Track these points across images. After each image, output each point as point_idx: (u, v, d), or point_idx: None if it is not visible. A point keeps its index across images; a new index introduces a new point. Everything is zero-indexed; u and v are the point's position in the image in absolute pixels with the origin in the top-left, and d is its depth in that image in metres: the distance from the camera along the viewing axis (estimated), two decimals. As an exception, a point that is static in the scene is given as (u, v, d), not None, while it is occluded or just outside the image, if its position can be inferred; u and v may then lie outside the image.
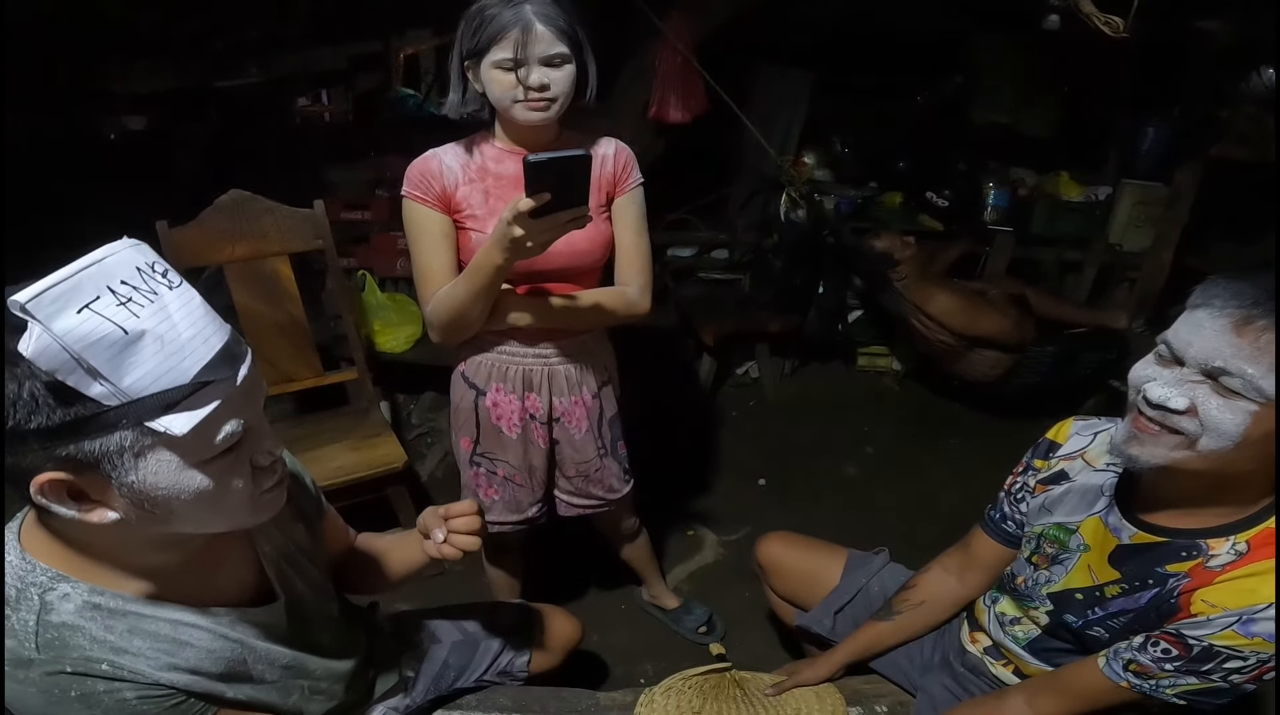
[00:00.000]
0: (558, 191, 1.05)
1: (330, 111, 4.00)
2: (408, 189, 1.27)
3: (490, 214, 1.27)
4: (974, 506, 1.34)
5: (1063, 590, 1.06)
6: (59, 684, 0.69)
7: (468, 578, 2.12)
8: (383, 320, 2.48)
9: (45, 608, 0.70)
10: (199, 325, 0.65)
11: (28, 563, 0.71)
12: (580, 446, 1.49)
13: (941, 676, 1.28)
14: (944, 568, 1.31)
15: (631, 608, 2.06)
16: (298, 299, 1.84)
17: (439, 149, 1.30)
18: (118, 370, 0.59)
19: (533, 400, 1.41)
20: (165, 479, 0.65)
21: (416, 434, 2.72)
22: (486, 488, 1.48)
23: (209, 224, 1.71)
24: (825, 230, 2.85)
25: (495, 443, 1.44)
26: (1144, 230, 3.05)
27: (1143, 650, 0.93)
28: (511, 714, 1.26)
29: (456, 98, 1.26)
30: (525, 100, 1.17)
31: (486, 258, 1.16)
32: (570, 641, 1.42)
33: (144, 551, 0.74)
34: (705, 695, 1.32)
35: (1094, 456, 1.10)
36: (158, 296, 0.62)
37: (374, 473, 1.81)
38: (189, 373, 0.63)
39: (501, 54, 1.14)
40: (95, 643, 0.72)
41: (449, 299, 1.26)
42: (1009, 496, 1.20)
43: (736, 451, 2.74)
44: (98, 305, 0.58)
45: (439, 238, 1.28)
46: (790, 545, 1.55)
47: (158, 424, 0.62)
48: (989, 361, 2.65)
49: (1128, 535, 0.99)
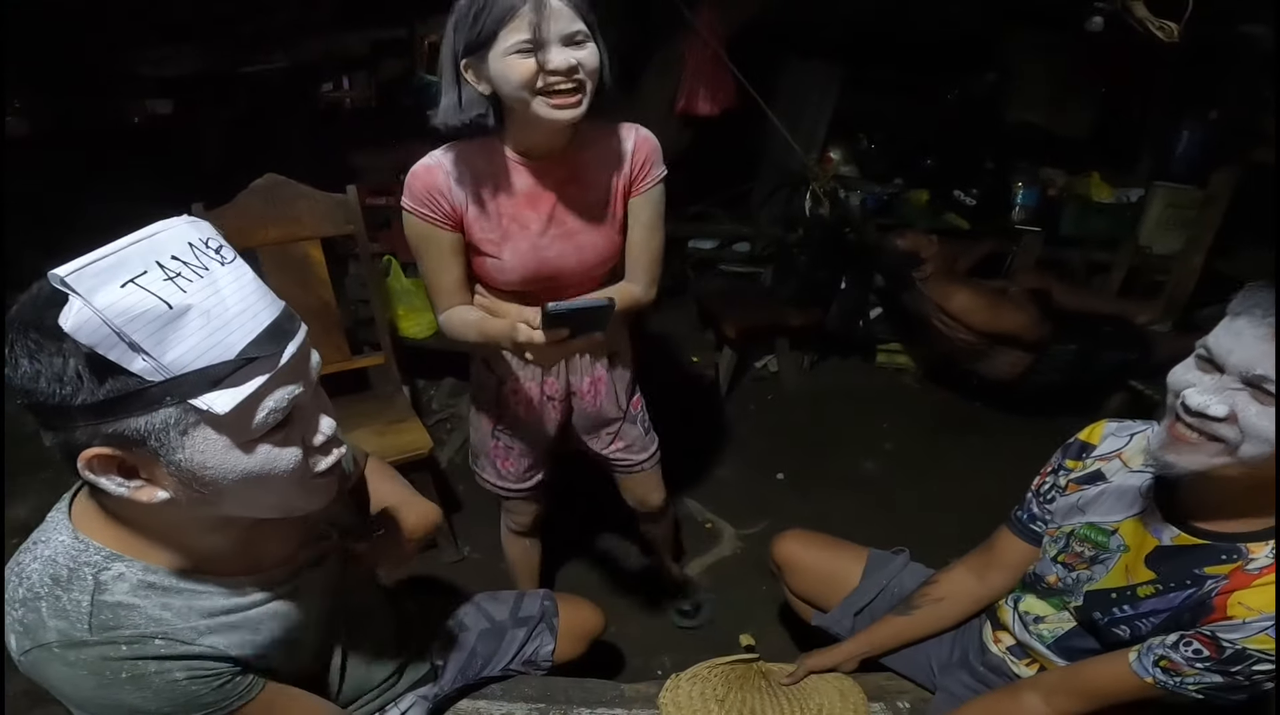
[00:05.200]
0: (576, 328, 1.01)
1: (352, 97, 4.01)
2: (410, 203, 1.16)
3: (503, 239, 1.19)
4: (992, 505, 1.33)
5: (1100, 589, 1.06)
6: (111, 666, 0.69)
7: (488, 566, 2.14)
8: (406, 305, 2.48)
9: (100, 587, 0.70)
10: (248, 301, 0.64)
11: (81, 542, 0.71)
12: (599, 414, 1.50)
13: (961, 675, 1.28)
14: (967, 567, 1.31)
15: (648, 600, 2.06)
16: (328, 283, 1.85)
17: (440, 155, 1.17)
18: (160, 345, 0.58)
19: (550, 383, 1.42)
20: (212, 458, 0.65)
21: (436, 420, 2.74)
22: (504, 460, 1.52)
23: (244, 207, 1.72)
24: (849, 227, 2.84)
25: (515, 423, 1.46)
26: (1174, 233, 3.00)
27: (1175, 649, 0.93)
28: (536, 704, 1.27)
29: (451, 102, 1.11)
30: (550, 93, 1.03)
31: (497, 338, 1.14)
32: (594, 631, 1.43)
33: (197, 533, 0.75)
34: (730, 684, 1.33)
35: (1130, 457, 1.09)
36: (208, 272, 0.62)
37: (400, 458, 1.82)
38: (234, 348, 0.62)
39: (516, 37, 1.00)
40: (151, 621, 0.72)
41: (462, 327, 1.24)
42: (1037, 497, 1.20)
43: (755, 445, 2.74)
44: (144, 279, 0.58)
45: (447, 254, 1.21)
46: (809, 544, 1.53)
47: (200, 401, 0.61)
48: (1010, 360, 2.63)
49: (1169, 537, 0.99)
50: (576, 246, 1.23)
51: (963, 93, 3.37)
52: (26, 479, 2.27)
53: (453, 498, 2.39)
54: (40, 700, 1.46)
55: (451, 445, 2.63)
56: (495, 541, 2.21)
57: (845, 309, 2.99)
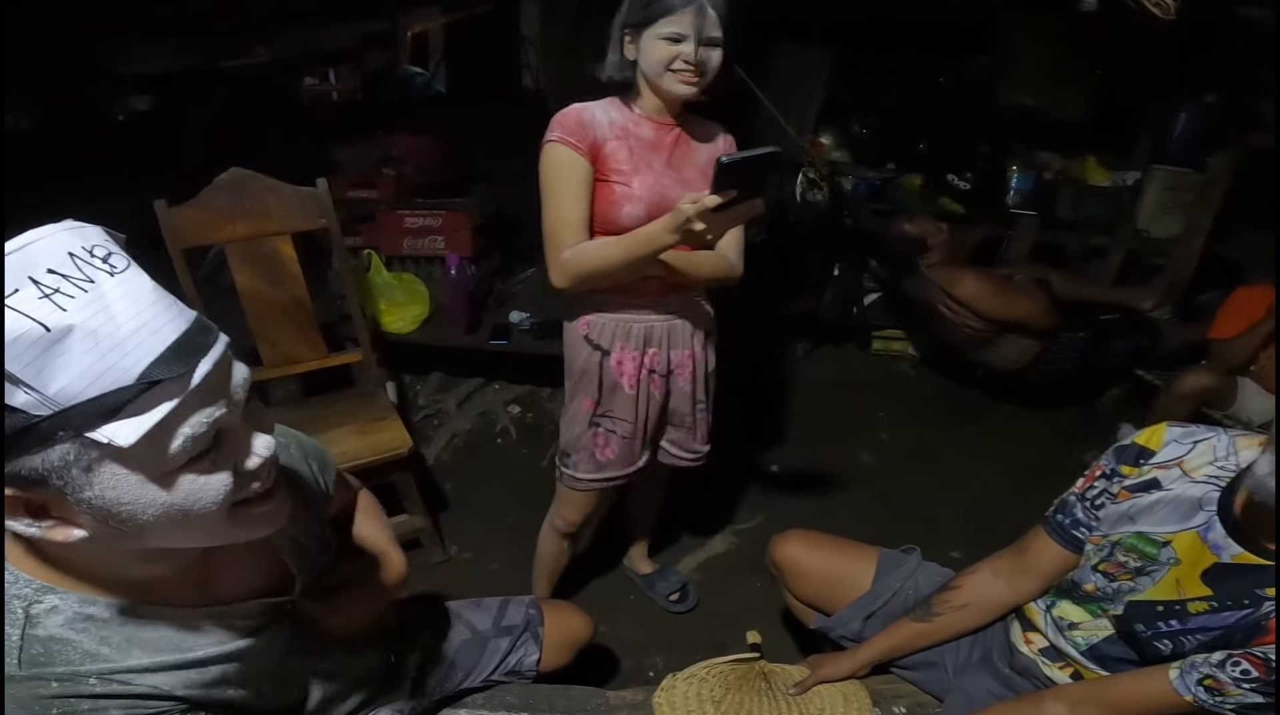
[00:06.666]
0: (743, 187, 1.09)
1: (338, 90, 3.95)
2: (560, 134, 1.31)
3: (634, 171, 1.35)
4: (992, 494, 1.28)
5: (1144, 600, 1.01)
6: (41, 703, 0.64)
7: (476, 566, 2.10)
8: (389, 300, 2.43)
9: (30, 622, 0.65)
10: (145, 315, 0.55)
11: (10, 575, 0.66)
12: (688, 397, 1.58)
13: (982, 677, 1.22)
14: (993, 570, 1.22)
15: (640, 599, 2.02)
16: (300, 278, 1.78)
17: (587, 104, 1.37)
18: (40, 375, 0.51)
19: (652, 355, 1.49)
20: (126, 495, 0.57)
21: (423, 415, 2.68)
22: (604, 448, 1.53)
23: (208, 203, 1.66)
24: (845, 212, 2.78)
25: (615, 401, 1.50)
26: (1172, 216, 2.96)
27: (1221, 668, 0.90)
28: (519, 713, 1.22)
29: (616, 59, 1.36)
30: (678, 72, 1.27)
31: (657, 238, 1.23)
32: (582, 639, 1.36)
33: (130, 565, 0.68)
34: (729, 685, 1.28)
35: (1193, 466, 1.02)
36: (94, 284, 0.53)
37: (379, 458, 1.76)
38: (132, 372, 0.54)
39: (673, 28, 1.24)
40: (86, 656, 0.66)
41: (598, 257, 1.32)
42: (1083, 502, 1.12)
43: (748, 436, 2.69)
44: (15, 299, 0.50)
45: (583, 185, 1.33)
46: (813, 546, 1.44)
47: (99, 434, 0.53)
48: (1018, 348, 2.58)
49: (1229, 555, 0.94)
50: (689, 190, 1.35)
51: (956, 76, 3.32)
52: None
53: (439, 496, 2.34)
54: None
55: (439, 441, 2.58)
56: (483, 541, 2.17)
57: (839, 295, 2.94)
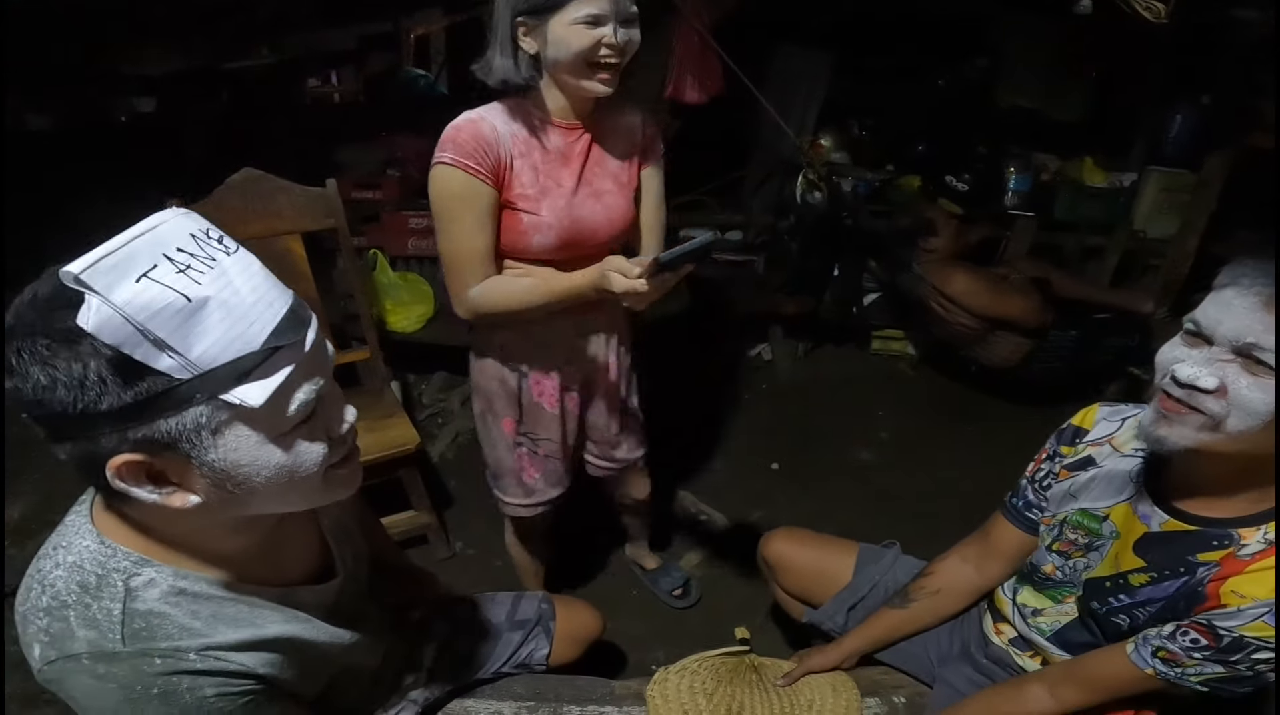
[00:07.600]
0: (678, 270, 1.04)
1: (340, 92, 3.98)
2: (455, 157, 1.13)
3: (541, 195, 1.19)
4: (990, 493, 1.31)
5: (1096, 577, 1.05)
6: (143, 680, 0.65)
7: (480, 562, 2.12)
8: (394, 299, 2.47)
9: (130, 595, 0.66)
10: (260, 290, 0.61)
11: (108, 547, 0.67)
12: (606, 405, 1.52)
13: (962, 667, 1.26)
14: (961, 556, 1.29)
15: (643, 595, 2.04)
16: (310, 278, 1.81)
17: (483, 112, 1.17)
18: (185, 340, 0.56)
19: (569, 372, 1.42)
20: (246, 455, 0.63)
21: (428, 414, 2.71)
22: (529, 469, 1.49)
23: (221, 202, 1.69)
24: (844, 212, 2.81)
25: (537, 420, 1.44)
26: (1169, 217, 2.98)
27: (1172, 639, 0.92)
28: (525, 702, 1.25)
29: (508, 62, 1.14)
30: (601, 66, 1.10)
31: (577, 291, 1.13)
32: (592, 634, 1.40)
33: (221, 537, 0.71)
34: (720, 678, 1.31)
35: (1122, 442, 1.07)
36: (216, 262, 0.59)
37: (387, 454, 1.79)
38: (258, 339, 0.59)
39: (589, 9, 1.06)
40: (183, 631, 0.68)
41: (513, 301, 1.20)
42: (1033, 483, 1.17)
43: (748, 434, 2.72)
44: (156, 273, 0.55)
45: (486, 214, 1.17)
46: (798, 542, 1.51)
47: (232, 396, 0.59)
48: (1009, 345, 2.61)
49: (1158, 522, 0.97)
50: (605, 207, 1.26)
51: (954, 77, 3.34)
52: (18, 482, 2.24)
53: (444, 493, 2.37)
54: (31, 703, 1.43)
55: (443, 439, 2.61)
56: (488, 537, 2.19)
57: (839, 295, 2.96)
